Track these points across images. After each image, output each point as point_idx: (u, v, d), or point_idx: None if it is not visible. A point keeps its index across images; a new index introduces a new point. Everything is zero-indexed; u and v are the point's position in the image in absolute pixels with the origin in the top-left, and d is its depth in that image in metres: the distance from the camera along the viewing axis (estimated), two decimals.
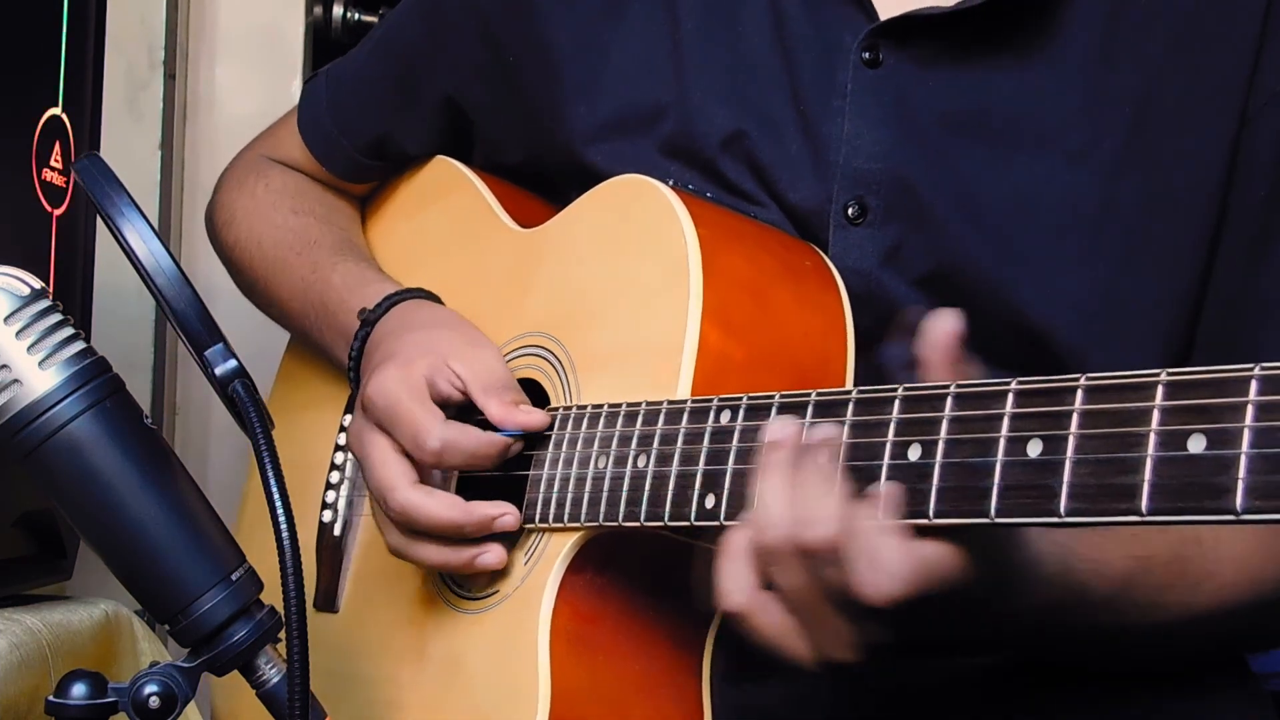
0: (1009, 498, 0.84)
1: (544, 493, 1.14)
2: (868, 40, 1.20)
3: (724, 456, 1.02)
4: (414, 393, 1.19)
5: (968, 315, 1.19)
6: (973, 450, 0.87)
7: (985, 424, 0.87)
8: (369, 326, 1.31)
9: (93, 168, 0.90)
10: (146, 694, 0.86)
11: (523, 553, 1.17)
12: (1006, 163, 1.19)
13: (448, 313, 1.32)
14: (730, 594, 0.97)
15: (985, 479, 0.86)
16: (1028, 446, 0.84)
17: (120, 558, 0.88)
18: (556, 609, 1.11)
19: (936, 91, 1.20)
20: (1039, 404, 0.85)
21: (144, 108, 2.00)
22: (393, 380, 1.19)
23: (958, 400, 0.89)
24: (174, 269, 0.89)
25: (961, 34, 1.19)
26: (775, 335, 1.14)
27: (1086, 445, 0.82)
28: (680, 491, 1.04)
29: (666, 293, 1.13)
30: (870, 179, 1.20)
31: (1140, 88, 1.19)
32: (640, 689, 1.13)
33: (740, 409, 1.02)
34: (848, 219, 1.20)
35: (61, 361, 0.86)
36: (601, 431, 1.12)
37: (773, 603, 0.95)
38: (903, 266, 1.20)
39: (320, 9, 2.23)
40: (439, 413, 1.18)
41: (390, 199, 1.54)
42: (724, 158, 1.24)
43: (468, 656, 1.19)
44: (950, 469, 0.88)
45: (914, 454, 0.90)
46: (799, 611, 0.95)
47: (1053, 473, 0.83)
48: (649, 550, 1.13)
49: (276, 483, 0.86)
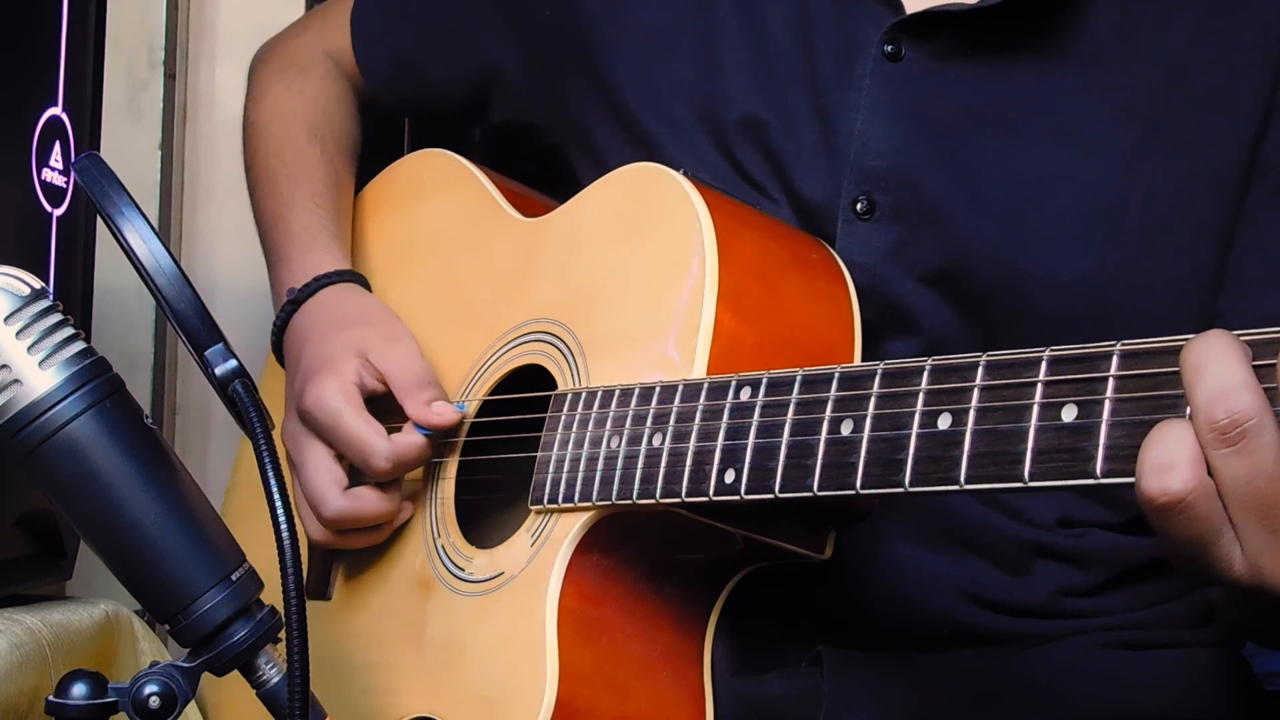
0: (1042, 462, 0.85)
1: (553, 473, 1.14)
2: (890, 34, 1.21)
3: (745, 432, 1.02)
4: (353, 404, 1.26)
5: (976, 310, 1.20)
6: (1005, 417, 0.87)
7: (1018, 391, 0.87)
8: (293, 306, 1.37)
9: (93, 168, 0.90)
10: (146, 694, 0.86)
11: (529, 534, 1.17)
12: (1023, 154, 1.20)
13: (369, 302, 1.38)
14: (1174, 469, 0.79)
15: (1019, 444, 0.86)
16: (1062, 412, 0.84)
17: (120, 558, 0.88)
18: (564, 590, 1.11)
19: (955, 87, 1.21)
20: (1074, 370, 0.85)
21: (144, 108, 2.00)
22: (330, 394, 1.26)
23: (989, 370, 0.89)
24: (174, 269, 0.89)
25: (982, 29, 1.20)
26: (784, 321, 1.14)
27: (1122, 408, 0.82)
28: (698, 468, 1.04)
29: (679, 275, 1.13)
30: (879, 176, 1.21)
31: (1161, 76, 1.20)
32: (643, 671, 1.13)
33: (761, 384, 1.02)
34: (855, 214, 1.21)
35: (61, 361, 0.86)
36: (615, 411, 1.12)
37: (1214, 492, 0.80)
38: (908, 263, 1.20)
39: None
40: (380, 428, 1.26)
41: (391, 189, 1.54)
42: (741, 143, 1.24)
43: (470, 639, 1.19)
44: (981, 435, 0.88)
45: (943, 423, 0.90)
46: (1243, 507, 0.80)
47: (1088, 436, 0.83)
48: (657, 533, 1.13)
49: (276, 483, 0.85)
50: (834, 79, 1.23)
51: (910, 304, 1.20)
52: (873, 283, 1.19)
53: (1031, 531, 1.23)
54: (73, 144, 1.35)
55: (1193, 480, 0.78)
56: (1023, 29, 1.20)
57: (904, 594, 1.21)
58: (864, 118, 1.21)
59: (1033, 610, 1.23)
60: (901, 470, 0.91)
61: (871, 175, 1.21)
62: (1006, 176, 1.20)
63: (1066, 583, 1.23)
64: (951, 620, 1.21)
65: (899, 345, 1.21)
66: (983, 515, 1.22)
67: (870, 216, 1.21)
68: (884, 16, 1.22)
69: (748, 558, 1.16)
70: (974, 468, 0.88)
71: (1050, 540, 1.22)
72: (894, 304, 1.20)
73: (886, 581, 1.21)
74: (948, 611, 1.21)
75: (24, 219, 1.29)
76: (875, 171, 1.21)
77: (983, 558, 1.22)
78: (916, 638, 1.22)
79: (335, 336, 1.31)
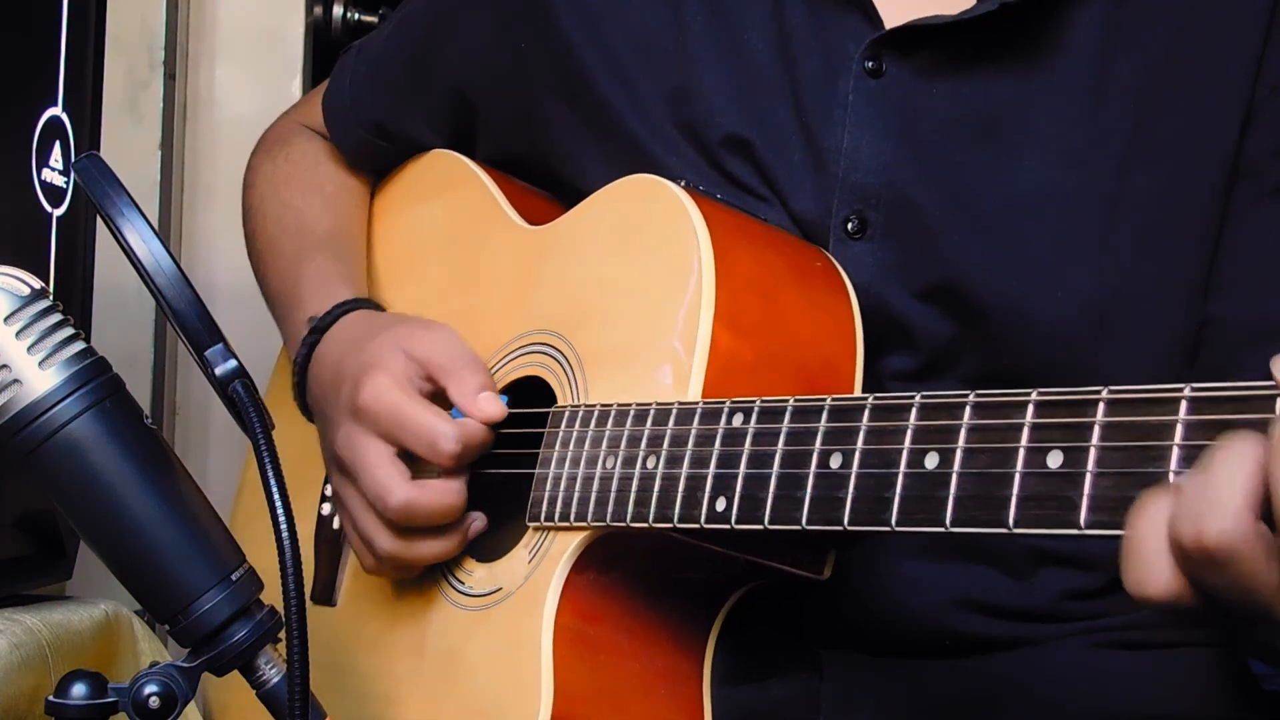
0: (1027, 508, 0.84)
1: (550, 491, 1.14)
2: (870, 50, 1.20)
3: (736, 460, 1.02)
4: (412, 397, 1.20)
5: (974, 324, 1.19)
6: (991, 460, 0.86)
7: (1004, 434, 0.86)
8: (317, 335, 1.32)
9: (93, 168, 0.90)
10: (146, 694, 0.86)
11: (527, 550, 1.17)
12: (1010, 168, 1.19)
13: (394, 315, 1.34)
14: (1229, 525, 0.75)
15: (1004, 489, 0.85)
16: (1048, 458, 0.83)
17: (120, 558, 0.88)
18: (560, 607, 1.11)
19: (939, 100, 1.20)
20: (1060, 415, 0.84)
21: (144, 108, 2.00)
22: (384, 387, 1.20)
23: (976, 410, 0.89)
24: (174, 269, 0.89)
25: (964, 42, 1.19)
26: (784, 337, 1.14)
27: (1108, 459, 0.81)
28: (690, 494, 1.04)
29: (677, 292, 1.13)
30: (869, 193, 1.20)
31: (1144, 85, 1.20)
32: (641, 689, 1.13)
33: (753, 412, 1.02)
34: (847, 233, 1.20)
35: (61, 361, 0.86)
36: (610, 430, 1.12)
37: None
38: (904, 280, 1.20)
39: (320, 9, 2.23)
40: (443, 412, 1.20)
41: (396, 193, 1.54)
42: (730, 160, 1.23)
43: (468, 652, 1.19)
44: (968, 478, 0.87)
45: (930, 462, 0.90)
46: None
47: (1073, 484, 0.82)
48: (654, 552, 1.13)
49: (276, 483, 0.86)
50: (817, 95, 1.22)
51: (908, 320, 1.20)
52: (870, 301, 1.19)
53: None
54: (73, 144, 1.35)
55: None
56: (1005, 41, 1.19)
57: (906, 605, 1.21)
58: (850, 134, 1.20)
59: (1037, 615, 1.22)
60: (889, 509, 0.91)
61: (861, 193, 1.20)
62: (996, 191, 1.19)
63: (1072, 586, 1.23)
64: (953, 630, 1.21)
65: (899, 361, 1.21)
66: None
67: (862, 235, 1.20)
68: (863, 32, 1.21)
69: (746, 577, 1.15)
70: (959, 510, 0.87)
71: (1054, 544, 1.22)
72: (892, 320, 1.20)
73: (888, 593, 1.21)
74: (950, 621, 1.21)
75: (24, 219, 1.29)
76: (865, 189, 1.20)
77: (986, 564, 1.22)
78: (918, 647, 1.21)
79: (373, 340, 1.26)
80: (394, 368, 1.21)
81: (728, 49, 1.25)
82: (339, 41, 2.24)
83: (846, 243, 1.20)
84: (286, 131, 1.58)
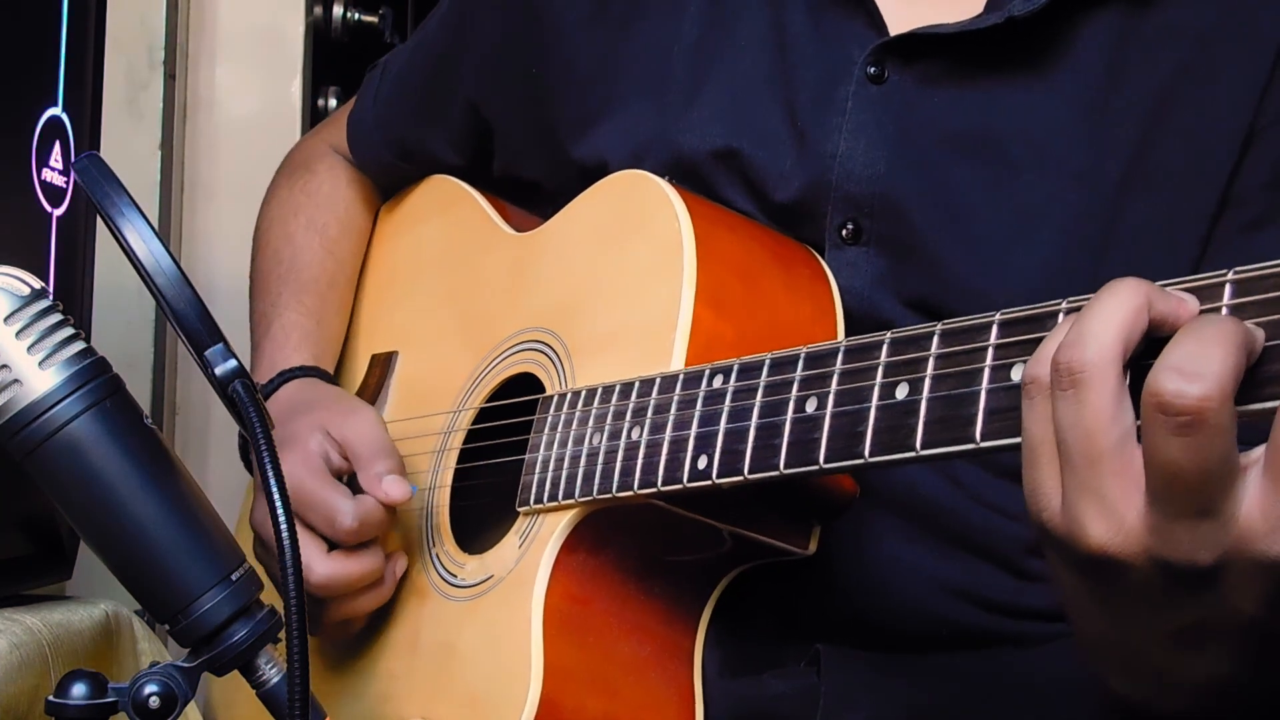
0: (993, 422, 0.85)
1: (539, 474, 1.16)
2: (874, 55, 1.20)
3: (716, 418, 1.03)
4: (315, 472, 1.26)
5: None
6: (958, 383, 0.88)
7: (970, 356, 0.87)
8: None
9: (93, 168, 0.90)
10: (146, 694, 0.86)
11: (517, 536, 1.17)
12: (1007, 183, 1.19)
13: (330, 389, 1.41)
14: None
15: (970, 407, 0.86)
16: (1011, 372, 0.85)
17: (120, 558, 0.88)
18: (550, 588, 1.11)
19: (939, 110, 1.19)
20: (1022, 331, 0.85)
21: (144, 108, 2.00)
22: (290, 464, 1.24)
23: (944, 338, 0.90)
24: (174, 269, 0.89)
25: (969, 53, 1.18)
26: (765, 318, 1.15)
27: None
28: (673, 456, 1.05)
29: (660, 274, 1.14)
30: (863, 201, 1.20)
31: (1147, 109, 1.18)
32: (632, 671, 1.14)
33: (733, 371, 1.04)
34: (842, 239, 1.21)
35: (61, 361, 0.86)
36: (596, 409, 1.13)
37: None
38: (896, 288, 1.20)
39: (320, 9, 2.23)
40: (346, 490, 1.25)
41: (398, 215, 1.57)
42: (717, 173, 1.24)
43: (461, 642, 1.19)
44: (936, 402, 0.88)
45: (901, 393, 0.91)
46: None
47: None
48: (642, 532, 1.13)
49: (277, 483, 0.85)
50: (814, 103, 1.22)
51: (899, 327, 1.20)
52: (862, 306, 1.19)
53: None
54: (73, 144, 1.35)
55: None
56: (1011, 53, 1.18)
57: (904, 596, 1.21)
58: (846, 141, 1.20)
59: (1037, 613, 1.22)
60: (861, 443, 0.92)
61: (856, 201, 1.20)
62: (992, 207, 1.18)
63: None
64: (951, 622, 1.21)
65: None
66: (984, 517, 1.22)
67: (857, 241, 1.20)
68: (868, 38, 1.20)
69: (736, 557, 1.16)
70: (929, 434, 0.88)
71: None
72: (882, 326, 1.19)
73: (886, 584, 1.21)
74: (948, 613, 1.21)
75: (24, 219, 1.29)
76: (860, 198, 1.20)
77: (985, 560, 1.22)
78: (916, 640, 1.22)
79: (298, 419, 1.32)
80: (309, 447, 1.27)
81: (721, 60, 1.25)
82: (339, 42, 2.25)
83: (841, 248, 1.21)
84: (312, 156, 1.60)
